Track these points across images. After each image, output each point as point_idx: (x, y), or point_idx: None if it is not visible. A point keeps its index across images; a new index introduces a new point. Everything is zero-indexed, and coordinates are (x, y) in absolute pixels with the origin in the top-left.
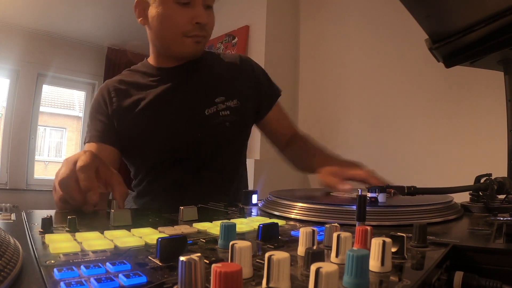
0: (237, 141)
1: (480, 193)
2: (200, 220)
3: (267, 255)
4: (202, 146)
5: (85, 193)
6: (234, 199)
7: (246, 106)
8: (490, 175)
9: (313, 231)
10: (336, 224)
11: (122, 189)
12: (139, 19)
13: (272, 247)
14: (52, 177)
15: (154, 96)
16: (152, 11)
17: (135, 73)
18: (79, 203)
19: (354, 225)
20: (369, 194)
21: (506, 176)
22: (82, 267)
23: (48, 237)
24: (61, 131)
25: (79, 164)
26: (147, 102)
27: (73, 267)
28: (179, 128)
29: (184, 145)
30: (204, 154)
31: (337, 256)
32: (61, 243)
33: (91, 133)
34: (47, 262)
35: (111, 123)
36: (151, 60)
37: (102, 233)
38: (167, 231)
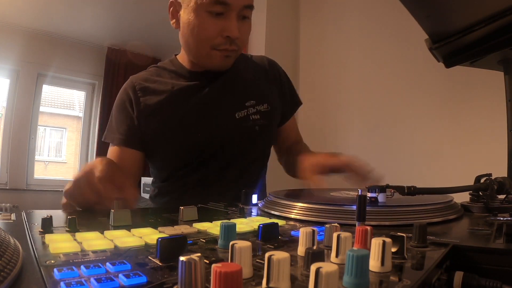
0: (263, 145)
1: (480, 193)
2: (200, 220)
3: (267, 255)
4: (229, 148)
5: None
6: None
7: (275, 110)
8: (490, 175)
9: (313, 231)
10: (336, 224)
11: (134, 192)
12: (172, 21)
13: (272, 247)
14: (52, 177)
15: (184, 98)
16: (184, 16)
17: (163, 71)
18: (93, 204)
19: (354, 225)
20: (369, 194)
21: (506, 176)
22: (82, 267)
23: (48, 237)
24: (61, 131)
25: (97, 174)
26: (177, 103)
27: (73, 267)
28: (208, 131)
29: (211, 147)
30: (229, 155)
31: (337, 256)
32: (61, 243)
33: (113, 135)
34: (47, 262)
35: (136, 124)
36: (182, 59)
37: (102, 233)
38: (167, 231)
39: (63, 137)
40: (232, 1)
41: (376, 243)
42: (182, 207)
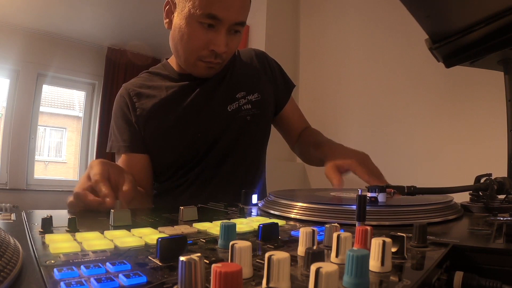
0: (257, 135)
1: (480, 193)
2: (200, 220)
3: (267, 255)
4: (223, 142)
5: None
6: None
7: (266, 99)
8: (490, 175)
9: (313, 231)
10: (336, 224)
11: (128, 192)
12: (165, 21)
13: (272, 247)
14: (52, 177)
15: (177, 99)
16: (176, 20)
17: (155, 76)
18: (96, 207)
19: (354, 225)
20: (369, 194)
21: (506, 176)
22: (82, 267)
23: (48, 237)
24: (61, 131)
25: (93, 177)
26: (171, 105)
27: (73, 267)
28: (203, 127)
29: (206, 143)
30: (224, 149)
31: (337, 256)
32: (61, 243)
33: (118, 144)
34: (47, 262)
35: (136, 129)
36: (173, 62)
37: (102, 233)
38: (167, 231)
39: (63, 137)
40: (224, 17)
41: (376, 243)
42: (182, 207)
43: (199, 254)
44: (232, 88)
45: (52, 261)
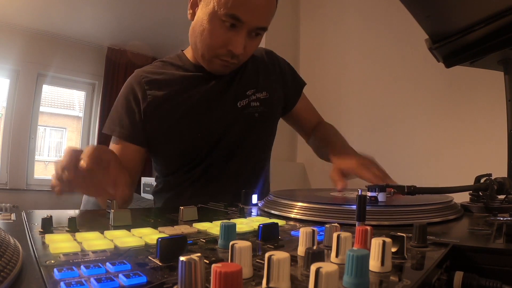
0: (263, 133)
1: (480, 193)
2: (200, 220)
3: (267, 255)
4: (230, 137)
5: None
6: (258, 193)
7: (274, 98)
8: (490, 175)
9: (313, 231)
10: (336, 224)
11: (124, 190)
12: (189, 11)
13: (272, 247)
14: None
15: (189, 90)
16: (199, 14)
17: (169, 66)
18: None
19: (354, 225)
20: (369, 194)
21: (506, 176)
22: (82, 267)
23: (48, 237)
24: (61, 131)
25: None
26: (182, 96)
27: (73, 267)
28: (213, 122)
29: (213, 137)
30: (231, 145)
31: (337, 256)
32: (61, 243)
33: (115, 127)
34: (47, 262)
35: (141, 120)
36: (189, 54)
37: (102, 233)
38: (167, 231)
39: (63, 137)
40: (247, 19)
41: (376, 243)
42: (182, 207)
43: (199, 254)
44: (244, 85)
45: (52, 261)
